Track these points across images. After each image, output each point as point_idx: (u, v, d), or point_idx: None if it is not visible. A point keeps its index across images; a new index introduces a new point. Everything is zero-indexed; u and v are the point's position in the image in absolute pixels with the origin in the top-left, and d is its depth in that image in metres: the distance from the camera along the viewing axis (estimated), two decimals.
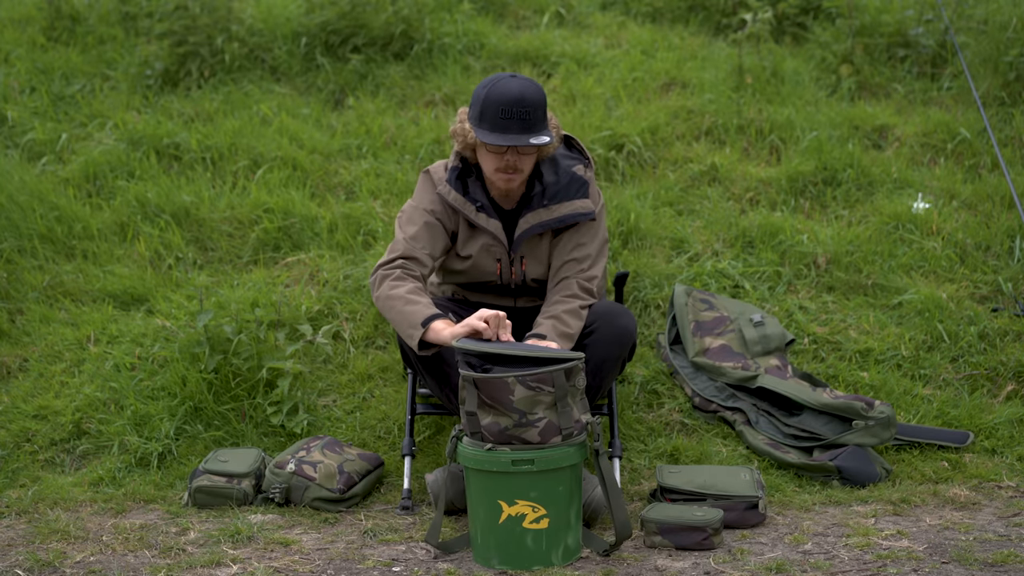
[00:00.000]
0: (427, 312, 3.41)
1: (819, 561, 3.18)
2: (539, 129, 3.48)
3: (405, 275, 3.53)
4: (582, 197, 3.63)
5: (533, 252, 3.68)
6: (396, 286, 3.50)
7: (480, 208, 3.63)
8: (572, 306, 3.55)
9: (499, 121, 3.45)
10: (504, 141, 3.44)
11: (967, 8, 5.86)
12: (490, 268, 3.69)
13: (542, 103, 3.49)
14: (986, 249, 4.71)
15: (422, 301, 3.45)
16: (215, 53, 5.87)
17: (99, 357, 4.37)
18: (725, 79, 5.68)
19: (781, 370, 4.12)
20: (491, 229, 3.63)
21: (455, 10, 6.23)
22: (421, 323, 3.39)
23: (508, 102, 3.44)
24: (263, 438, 4.04)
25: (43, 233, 4.90)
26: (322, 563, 3.27)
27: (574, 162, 3.69)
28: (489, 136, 3.46)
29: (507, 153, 3.50)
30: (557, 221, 3.61)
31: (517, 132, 3.45)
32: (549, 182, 3.62)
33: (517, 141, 3.44)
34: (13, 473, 3.98)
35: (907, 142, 5.32)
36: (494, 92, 3.46)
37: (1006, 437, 3.96)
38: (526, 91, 3.46)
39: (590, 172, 3.69)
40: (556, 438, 3.20)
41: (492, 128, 3.46)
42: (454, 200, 3.63)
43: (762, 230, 4.78)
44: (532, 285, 3.72)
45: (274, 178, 5.13)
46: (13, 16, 6.49)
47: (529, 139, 3.45)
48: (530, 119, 3.45)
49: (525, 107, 3.44)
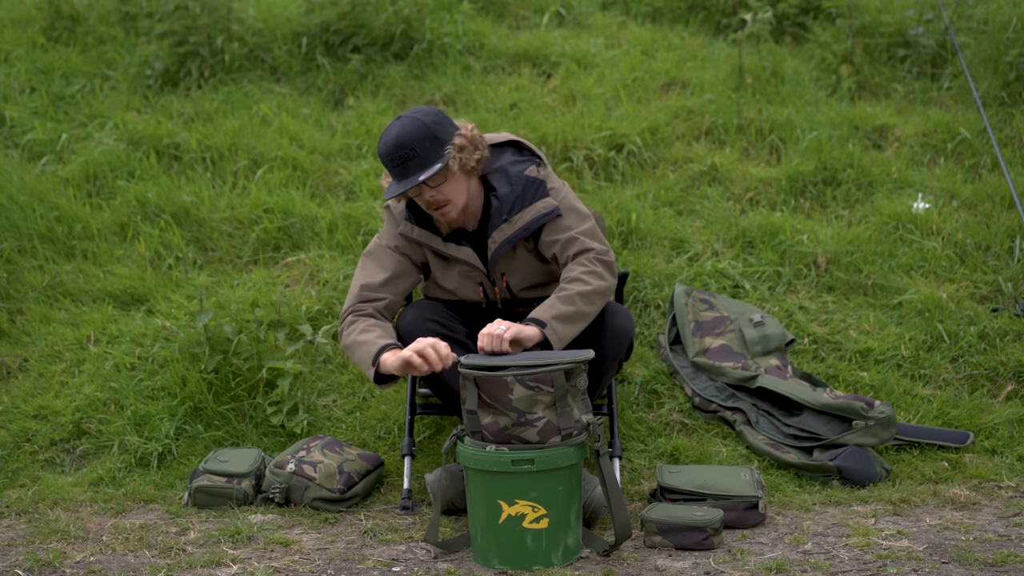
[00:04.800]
0: (374, 349, 3.43)
1: (819, 561, 3.18)
2: (430, 162, 3.47)
3: (357, 317, 3.57)
4: (541, 197, 3.59)
5: (511, 266, 3.66)
6: (350, 332, 3.54)
7: (447, 238, 3.63)
8: (573, 273, 3.49)
9: (396, 170, 3.48)
10: (399, 189, 3.47)
11: (967, 8, 5.87)
12: (473, 293, 3.69)
13: (423, 136, 3.46)
14: (986, 249, 4.71)
15: (368, 339, 3.47)
16: (215, 53, 5.87)
17: (99, 357, 4.37)
18: (725, 79, 5.69)
19: (781, 370, 4.12)
20: (464, 257, 3.62)
21: (455, 10, 6.23)
22: (371, 362, 3.42)
23: (390, 149, 3.46)
24: (263, 438, 4.04)
25: (43, 233, 4.90)
26: (322, 563, 3.27)
27: (525, 164, 3.64)
28: (390, 189, 3.51)
29: (422, 192, 3.51)
30: (523, 230, 3.57)
31: (411, 174, 3.46)
32: (503, 193, 3.58)
33: (409, 184, 3.46)
34: (13, 473, 3.98)
35: (907, 142, 5.32)
36: (380, 145, 3.50)
37: (1006, 437, 3.96)
38: (402, 132, 3.46)
39: (543, 169, 3.64)
40: (555, 438, 3.20)
41: (396, 177, 3.50)
42: (419, 235, 3.63)
43: (762, 230, 4.78)
44: (520, 296, 3.71)
45: (274, 178, 5.13)
46: (13, 16, 6.50)
47: (419, 177, 3.45)
48: (416, 157, 3.45)
49: (405, 148, 3.45)
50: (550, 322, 3.39)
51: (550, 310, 3.42)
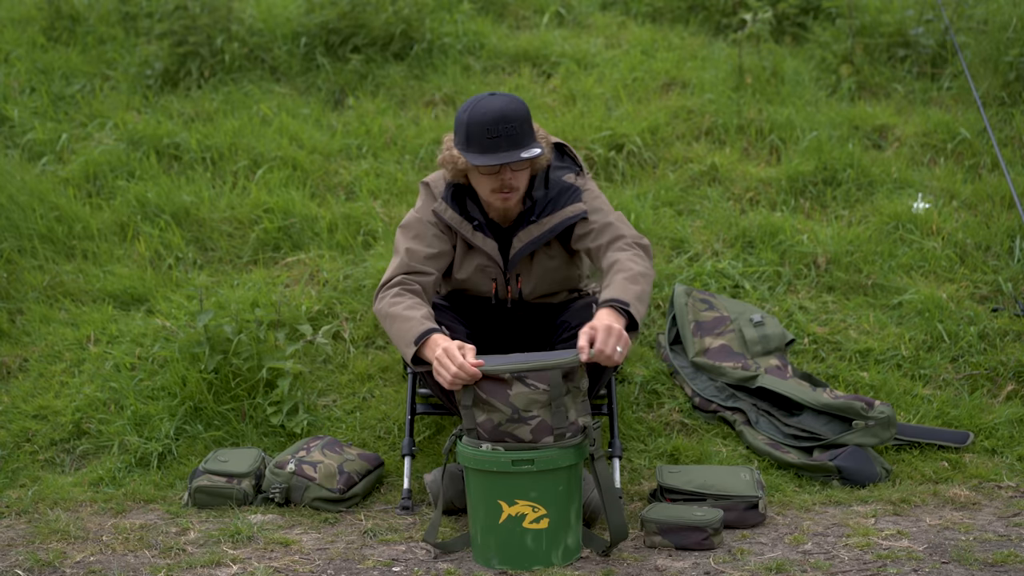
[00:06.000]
0: (420, 328, 3.35)
1: (819, 561, 3.18)
2: (528, 142, 3.45)
3: (404, 291, 3.51)
4: (573, 202, 3.58)
5: (528, 269, 3.66)
6: (394, 303, 3.46)
7: (477, 227, 3.61)
8: (622, 256, 3.42)
9: (487, 141, 3.41)
10: (495, 160, 3.41)
11: (967, 8, 5.87)
12: (485, 287, 3.68)
13: (526, 116, 3.45)
14: (986, 249, 4.71)
15: (415, 316, 3.39)
16: (215, 53, 5.87)
17: (99, 357, 4.37)
18: (725, 79, 5.69)
19: (781, 370, 4.12)
20: (487, 249, 3.61)
21: (455, 10, 6.24)
22: (413, 341, 3.35)
23: (492, 121, 3.40)
24: (263, 438, 4.04)
25: (43, 233, 4.90)
26: (322, 563, 3.27)
27: (565, 171, 3.65)
28: (480, 158, 3.42)
29: (501, 172, 3.47)
30: (548, 232, 3.57)
31: (506, 149, 3.42)
32: (538, 196, 3.59)
33: (509, 158, 3.41)
34: (13, 473, 3.98)
35: (907, 142, 5.32)
36: (476, 113, 3.43)
37: (1006, 437, 3.96)
38: (508, 107, 3.43)
39: (581, 179, 3.64)
40: (548, 438, 3.20)
41: (481, 149, 3.42)
42: (451, 218, 3.61)
43: (762, 230, 4.78)
44: (527, 301, 3.71)
45: (274, 178, 5.13)
46: (13, 16, 6.50)
47: (520, 153, 3.41)
48: (517, 133, 3.42)
49: (510, 123, 3.41)
50: (633, 303, 3.30)
51: (626, 291, 3.30)
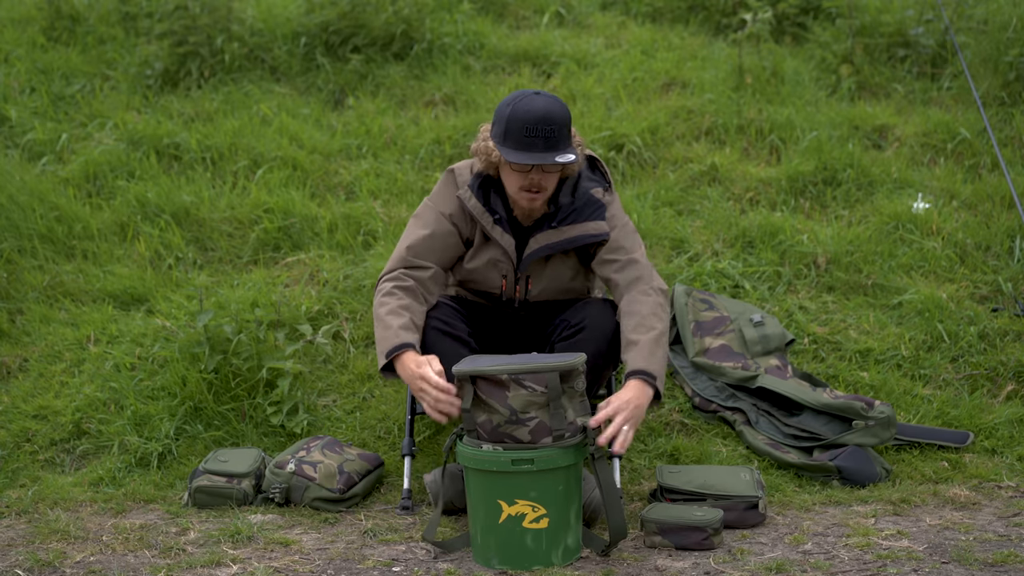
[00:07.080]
0: (395, 341, 3.41)
1: (819, 561, 3.18)
2: (564, 147, 3.44)
3: (396, 288, 3.53)
4: (596, 219, 3.57)
5: (539, 272, 3.66)
6: (383, 303, 3.51)
7: (497, 220, 3.60)
8: (645, 309, 3.47)
9: (523, 139, 3.41)
10: (529, 159, 3.41)
11: (967, 8, 5.87)
12: (495, 283, 3.68)
13: (567, 121, 3.45)
14: (986, 249, 4.71)
15: (394, 325, 3.44)
16: (215, 53, 5.87)
17: (99, 357, 4.37)
18: (725, 79, 5.69)
19: (781, 370, 4.12)
20: (503, 244, 3.60)
21: (455, 10, 6.24)
22: (386, 354, 3.41)
23: (533, 120, 3.40)
24: (263, 438, 4.04)
25: (43, 233, 4.90)
26: (322, 563, 3.27)
27: (594, 184, 3.64)
28: (514, 154, 3.42)
29: (531, 171, 3.47)
30: (567, 242, 3.57)
31: (542, 150, 3.41)
32: (564, 203, 3.59)
33: (542, 159, 3.40)
34: (13, 473, 3.98)
35: (907, 142, 5.32)
36: (519, 110, 3.43)
37: (1006, 437, 3.96)
38: (551, 108, 3.42)
39: (608, 196, 3.64)
40: (546, 439, 3.20)
41: (516, 146, 3.42)
42: (473, 207, 3.60)
43: (762, 230, 4.78)
44: (532, 302, 3.71)
45: (274, 178, 5.13)
46: (13, 16, 6.50)
47: (554, 157, 3.41)
48: (555, 137, 3.42)
49: (550, 125, 3.40)
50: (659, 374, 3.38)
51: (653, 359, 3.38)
